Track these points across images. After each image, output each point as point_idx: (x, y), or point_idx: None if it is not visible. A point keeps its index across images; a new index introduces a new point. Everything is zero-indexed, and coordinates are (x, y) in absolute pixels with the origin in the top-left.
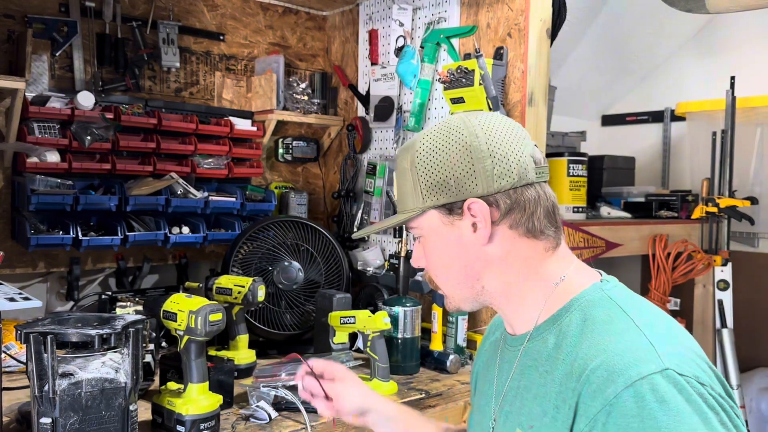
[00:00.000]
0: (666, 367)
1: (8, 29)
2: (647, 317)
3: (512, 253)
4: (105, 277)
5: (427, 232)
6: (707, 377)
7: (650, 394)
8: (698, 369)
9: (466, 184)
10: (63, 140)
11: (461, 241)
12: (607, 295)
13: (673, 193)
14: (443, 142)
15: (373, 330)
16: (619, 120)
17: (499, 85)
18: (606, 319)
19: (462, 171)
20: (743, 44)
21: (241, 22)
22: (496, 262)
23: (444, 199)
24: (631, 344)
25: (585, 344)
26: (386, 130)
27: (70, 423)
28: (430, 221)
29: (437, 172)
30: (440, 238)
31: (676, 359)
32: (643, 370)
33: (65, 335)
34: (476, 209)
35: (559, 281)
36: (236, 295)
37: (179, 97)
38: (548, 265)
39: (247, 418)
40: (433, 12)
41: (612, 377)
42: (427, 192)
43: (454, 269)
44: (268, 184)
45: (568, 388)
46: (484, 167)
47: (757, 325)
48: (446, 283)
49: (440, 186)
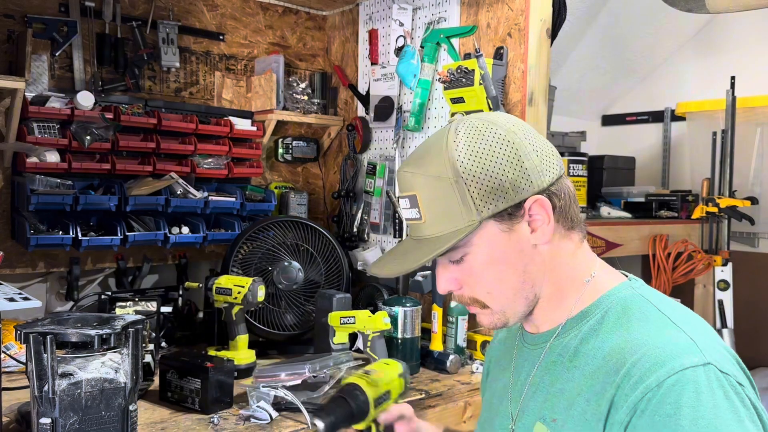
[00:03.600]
0: (708, 362)
1: (8, 29)
2: (681, 315)
3: (560, 248)
4: (105, 277)
5: (479, 248)
6: (743, 377)
7: (692, 385)
8: (735, 368)
9: (522, 183)
10: (63, 140)
11: (520, 246)
12: (639, 293)
13: (673, 193)
14: (484, 145)
15: (373, 330)
16: (619, 120)
17: (499, 85)
18: (641, 316)
19: (515, 171)
20: (743, 44)
21: (241, 22)
22: (549, 263)
23: (503, 204)
24: (671, 338)
25: (621, 339)
26: (386, 130)
27: (70, 423)
28: (487, 234)
29: (490, 177)
30: (498, 249)
31: (717, 356)
32: (686, 362)
33: (65, 335)
34: (537, 207)
35: (590, 278)
36: (236, 295)
37: (179, 97)
38: (580, 260)
39: (247, 419)
40: (433, 12)
41: (654, 368)
42: (481, 201)
43: (512, 280)
44: (268, 184)
45: (605, 382)
46: (532, 163)
47: (757, 325)
48: (501, 299)
49: (497, 191)
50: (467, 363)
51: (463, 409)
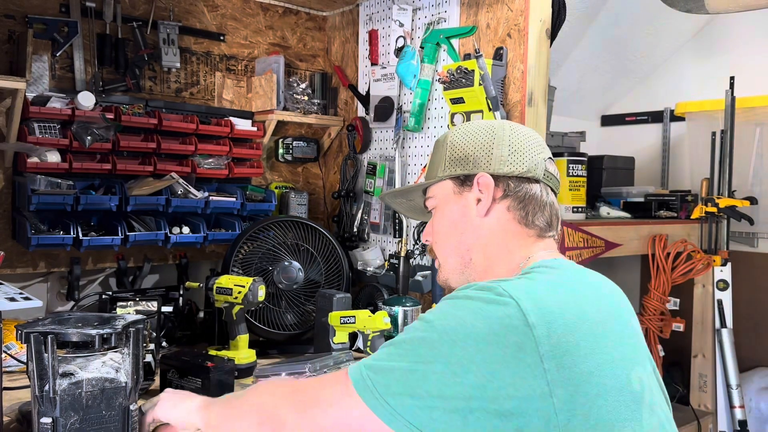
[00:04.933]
0: (499, 286)
1: (9, 29)
2: (543, 275)
3: (500, 232)
4: (105, 277)
5: (440, 201)
6: (533, 306)
7: (468, 289)
8: (529, 298)
9: (481, 161)
10: (63, 140)
11: (464, 211)
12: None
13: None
14: (476, 128)
15: (373, 330)
16: (618, 120)
17: (499, 86)
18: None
19: (481, 151)
20: (743, 44)
21: (241, 23)
22: (486, 237)
23: (460, 171)
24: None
25: None
26: (386, 130)
27: (71, 423)
28: (444, 189)
29: (461, 148)
30: (448, 207)
31: (515, 287)
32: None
33: (66, 335)
34: (483, 183)
35: (525, 261)
36: (236, 295)
37: (179, 97)
38: (524, 247)
39: None
40: (433, 12)
41: None
42: (449, 164)
43: (452, 237)
44: (268, 184)
45: None
46: (500, 152)
47: (756, 325)
48: (442, 251)
49: (460, 160)
50: None
51: None
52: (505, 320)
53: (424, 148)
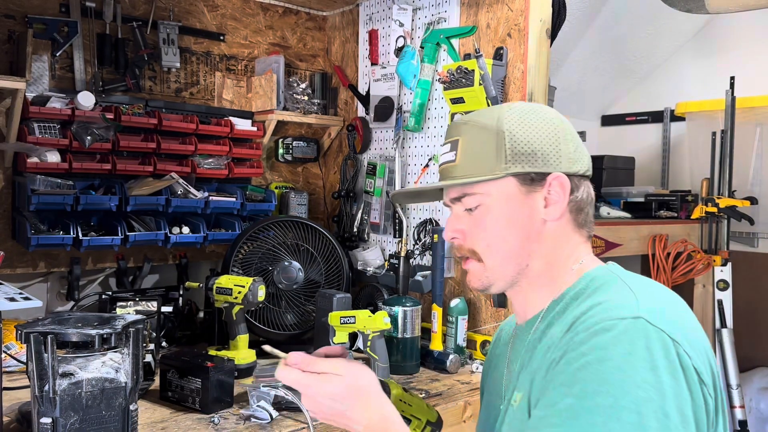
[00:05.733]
0: (639, 316)
1: (9, 29)
2: (645, 285)
3: (562, 235)
4: (105, 277)
5: (494, 200)
6: (684, 340)
7: (612, 331)
8: (676, 329)
9: (552, 159)
10: (63, 140)
11: (530, 214)
12: (610, 271)
13: (672, 193)
14: (533, 117)
15: (373, 330)
16: (618, 120)
17: (499, 86)
18: (605, 288)
19: (549, 147)
20: (743, 44)
21: (241, 23)
22: (547, 242)
23: (530, 168)
24: (617, 298)
25: (582, 306)
26: (386, 130)
27: (71, 423)
28: (506, 188)
29: (526, 141)
30: (510, 208)
31: (655, 313)
32: (615, 314)
33: (65, 335)
34: (558, 184)
35: (578, 264)
36: (236, 295)
37: (179, 97)
38: (577, 252)
39: (247, 418)
40: (433, 12)
41: (588, 319)
42: (512, 158)
43: (511, 242)
44: (268, 184)
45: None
46: (567, 148)
47: (756, 325)
48: (496, 256)
49: (527, 155)
50: (467, 362)
51: (463, 408)
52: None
53: (424, 148)
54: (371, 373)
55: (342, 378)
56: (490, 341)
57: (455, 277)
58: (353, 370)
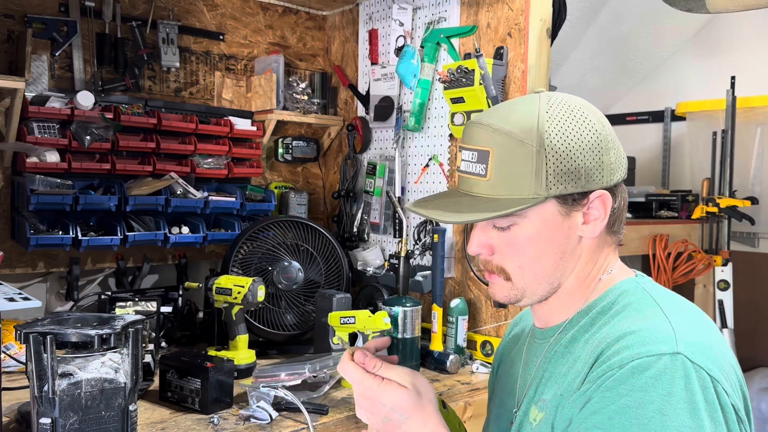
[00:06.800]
0: (678, 352)
1: (8, 29)
2: (678, 308)
3: (597, 248)
4: (105, 277)
5: (531, 223)
6: (722, 375)
7: (651, 370)
8: (715, 364)
9: (595, 174)
10: (63, 140)
11: (568, 233)
12: (641, 287)
13: (673, 193)
14: (576, 127)
15: (373, 330)
16: (619, 120)
17: (499, 85)
18: (636, 307)
19: (593, 161)
20: (743, 44)
21: (240, 22)
22: (584, 257)
23: (572, 188)
24: (652, 326)
25: (612, 327)
26: (386, 130)
27: (70, 423)
28: (545, 210)
29: (569, 159)
30: (548, 229)
31: (693, 348)
32: (654, 348)
33: (65, 335)
34: (599, 203)
35: (606, 274)
36: (236, 295)
37: (179, 97)
38: (607, 260)
39: (247, 419)
40: (433, 12)
41: (624, 350)
42: (554, 179)
43: (547, 263)
44: (268, 184)
45: (587, 363)
46: (609, 159)
47: (757, 325)
48: (528, 277)
49: (571, 174)
50: (467, 363)
51: (464, 409)
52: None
53: (424, 147)
54: (433, 389)
55: (407, 391)
56: (490, 341)
57: (455, 277)
58: (419, 384)
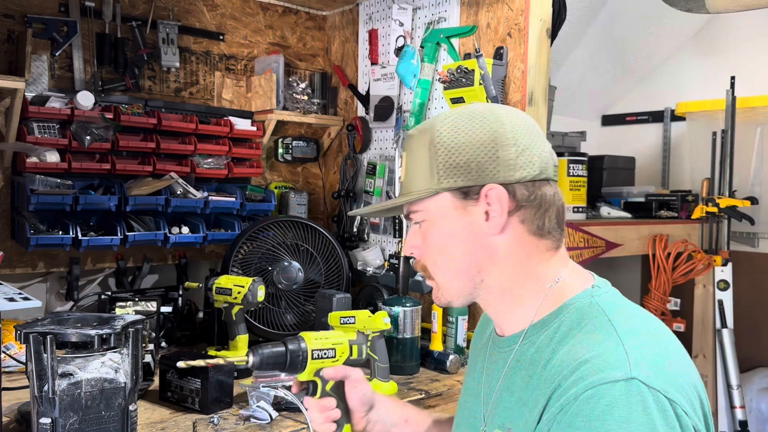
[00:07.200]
0: (632, 377)
1: (8, 29)
2: (633, 326)
3: (517, 248)
4: (105, 277)
5: (434, 216)
6: (680, 395)
7: (606, 398)
8: (671, 385)
9: (488, 169)
10: (63, 140)
11: (470, 229)
12: (596, 302)
13: (673, 193)
14: (468, 125)
15: (373, 330)
16: (619, 120)
17: (499, 85)
18: (591, 328)
19: (485, 156)
20: (743, 44)
21: (240, 22)
22: (501, 256)
23: (462, 182)
24: (605, 352)
25: (566, 351)
26: (386, 130)
27: (70, 423)
28: (441, 204)
29: (458, 153)
30: (448, 223)
31: (648, 370)
32: (608, 376)
33: (65, 335)
34: (494, 196)
35: (554, 283)
36: (236, 295)
37: (179, 97)
38: (547, 266)
39: (247, 419)
40: (433, 12)
41: (578, 381)
42: (444, 173)
43: (457, 258)
44: (267, 184)
45: (543, 393)
46: (507, 155)
47: (757, 325)
48: (444, 273)
49: (460, 168)
50: (467, 363)
51: None
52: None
53: None
54: None
55: None
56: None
57: None
58: None
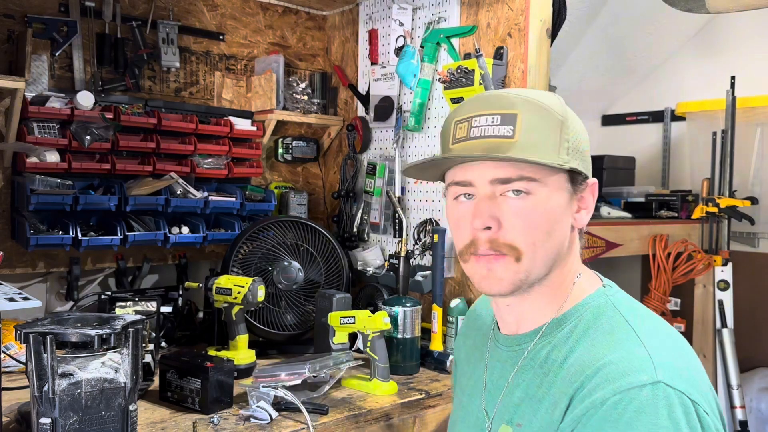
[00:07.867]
0: (658, 380)
1: (8, 29)
2: (648, 328)
3: (576, 245)
4: (105, 277)
5: (549, 191)
6: (701, 397)
7: (634, 404)
8: (693, 386)
9: (589, 165)
10: (63, 140)
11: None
12: (611, 302)
13: (673, 193)
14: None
15: (373, 330)
16: (619, 120)
17: (499, 85)
18: (608, 328)
19: (588, 152)
20: (743, 44)
21: (240, 22)
22: (572, 250)
23: (582, 167)
24: (628, 354)
25: (585, 351)
26: (386, 130)
27: (70, 423)
28: (561, 183)
29: (582, 140)
30: (560, 204)
31: (672, 372)
32: (634, 380)
33: (65, 335)
34: (591, 191)
35: (577, 279)
36: (236, 295)
37: (179, 97)
38: (577, 260)
39: (247, 419)
40: (433, 12)
41: (603, 384)
42: (572, 153)
43: (555, 241)
44: (267, 184)
45: (563, 392)
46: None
47: (757, 325)
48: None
49: (581, 155)
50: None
51: None
52: None
53: (424, 147)
54: None
55: None
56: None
57: (455, 277)
58: None
